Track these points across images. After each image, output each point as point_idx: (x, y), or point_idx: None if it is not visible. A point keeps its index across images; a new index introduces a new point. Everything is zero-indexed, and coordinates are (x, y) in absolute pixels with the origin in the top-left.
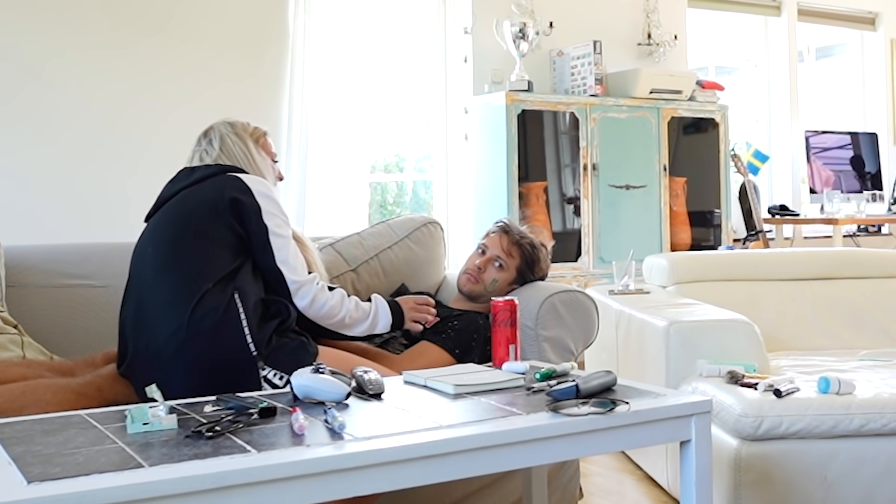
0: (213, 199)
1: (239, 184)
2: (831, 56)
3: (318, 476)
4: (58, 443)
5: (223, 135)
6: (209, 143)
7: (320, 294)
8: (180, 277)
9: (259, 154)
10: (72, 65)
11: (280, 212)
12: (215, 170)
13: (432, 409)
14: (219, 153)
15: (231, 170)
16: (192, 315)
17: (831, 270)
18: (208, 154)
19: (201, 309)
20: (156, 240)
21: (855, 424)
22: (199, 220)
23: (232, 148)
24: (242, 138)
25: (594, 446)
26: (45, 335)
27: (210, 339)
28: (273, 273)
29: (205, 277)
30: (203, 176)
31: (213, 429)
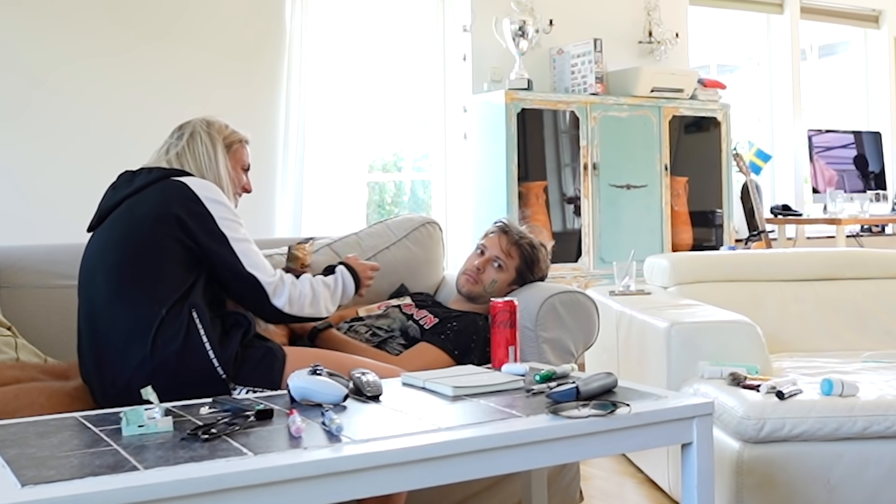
0: (159, 213)
1: (185, 191)
2: (834, 54)
3: (316, 479)
4: (52, 445)
5: (195, 132)
6: (179, 136)
7: (293, 288)
8: (135, 306)
9: (224, 159)
10: (67, 68)
11: (233, 215)
12: (158, 174)
13: (431, 411)
14: (184, 148)
15: (175, 173)
16: (153, 345)
17: (834, 271)
18: (174, 147)
19: (161, 337)
20: (104, 265)
21: (858, 427)
22: (146, 238)
23: (198, 147)
24: (213, 140)
25: (594, 449)
26: (40, 337)
27: (176, 368)
28: (244, 280)
29: (159, 302)
30: (145, 182)
31: (209, 431)
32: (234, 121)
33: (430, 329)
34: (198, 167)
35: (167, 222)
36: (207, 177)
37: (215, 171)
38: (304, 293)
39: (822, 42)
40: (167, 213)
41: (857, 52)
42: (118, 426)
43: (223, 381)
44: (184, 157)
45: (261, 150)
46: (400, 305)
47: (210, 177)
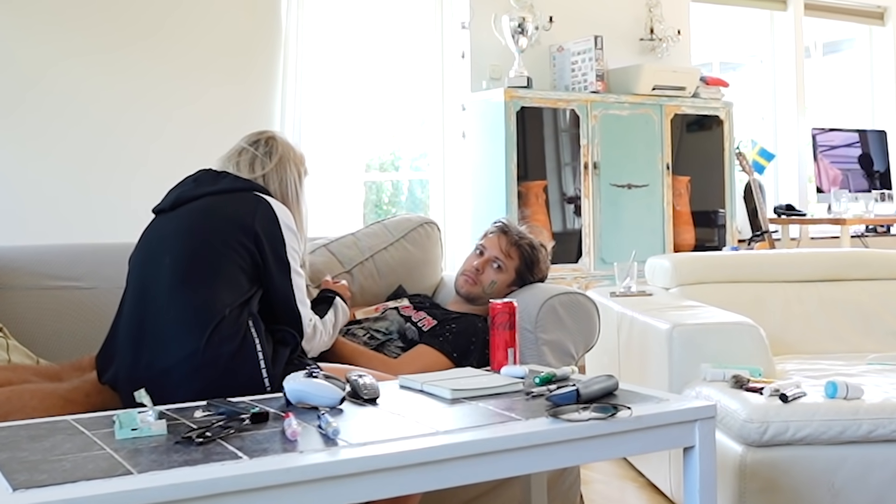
0: (242, 220)
1: (269, 211)
2: (839, 51)
3: (312, 483)
4: (44, 449)
5: (285, 156)
6: (268, 153)
7: (320, 338)
8: (198, 298)
9: (303, 193)
10: (59, 66)
11: (299, 249)
12: (245, 185)
13: (429, 414)
14: (273, 170)
15: (261, 190)
16: (209, 340)
17: (839, 272)
18: (261, 165)
19: (218, 335)
20: (175, 250)
21: (863, 430)
22: (224, 238)
23: (286, 175)
24: (299, 173)
25: (595, 453)
26: (32, 338)
27: (226, 368)
28: (291, 313)
29: (223, 301)
30: (232, 188)
31: (203, 434)
32: (229, 119)
33: (429, 331)
34: (282, 194)
35: (246, 232)
36: (289, 205)
37: (296, 204)
38: (322, 340)
39: (826, 39)
40: (249, 225)
41: (861, 49)
42: (111, 429)
43: (266, 392)
44: (271, 178)
45: None
46: (398, 307)
47: (291, 206)
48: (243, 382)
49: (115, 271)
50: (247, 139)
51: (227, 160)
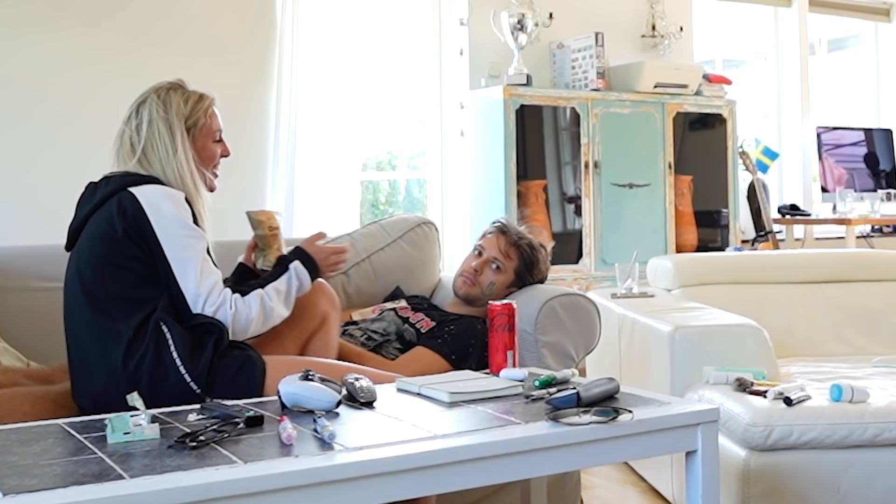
0: (108, 233)
1: (132, 205)
2: (844, 48)
3: (307, 488)
4: (34, 453)
5: (152, 117)
6: (139, 123)
7: (238, 315)
8: (102, 331)
9: (184, 150)
10: (49, 65)
11: (177, 224)
12: (114, 186)
13: (426, 417)
14: (146, 140)
15: (133, 179)
16: (124, 367)
17: (844, 273)
18: (138, 138)
19: (132, 360)
20: (75, 292)
21: (869, 434)
22: (104, 260)
23: (156, 139)
24: (171, 125)
25: (596, 457)
26: (22, 340)
27: (150, 388)
28: (180, 295)
29: (125, 323)
30: (103, 197)
31: (197, 439)
32: (223, 118)
33: (427, 333)
34: (161, 166)
35: (117, 241)
36: (169, 175)
37: (176, 169)
38: (250, 319)
39: (831, 36)
40: (115, 232)
41: (867, 46)
42: (103, 433)
43: (198, 395)
44: (144, 158)
45: (251, 148)
46: (395, 308)
47: (171, 176)
48: (171, 392)
49: None
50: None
51: (114, 154)
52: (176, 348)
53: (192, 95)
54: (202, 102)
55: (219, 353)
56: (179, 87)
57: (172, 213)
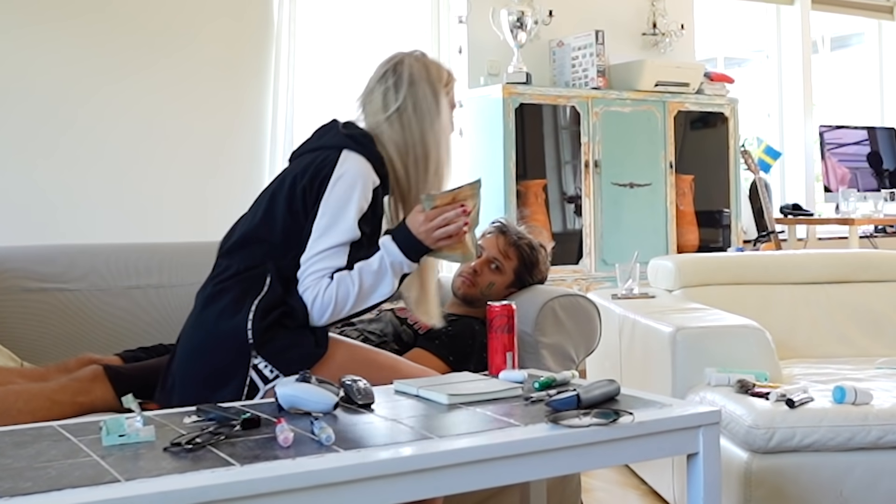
0: (295, 180)
1: (332, 163)
2: (847, 47)
3: (305, 490)
4: (29, 455)
5: (414, 79)
6: (397, 81)
7: (319, 297)
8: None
9: (447, 114)
10: (42, 66)
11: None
12: (335, 141)
13: (425, 419)
14: (404, 103)
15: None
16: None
17: (847, 273)
18: (395, 98)
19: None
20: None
21: (872, 436)
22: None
23: (419, 100)
24: (434, 89)
25: (596, 460)
26: (16, 341)
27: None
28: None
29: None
30: (322, 145)
31: (193, 441)
32: (219, 117)
33: (425, 334)
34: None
35: (294, 191)
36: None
37: (438, 133)
38: (329, 302)
39: (834, 34)
40: (297, 183)
41: (870, 44)
42: (98, 435)
43: (248, 345)
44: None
45: (247, 148)
46: (393, 309)
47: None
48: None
49: (100, 272)
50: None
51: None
52: (260, 298)
53: (441, 64)
54: (452, 74)
55: (283, 321)
56: (427, 56)
57: (347, 196)
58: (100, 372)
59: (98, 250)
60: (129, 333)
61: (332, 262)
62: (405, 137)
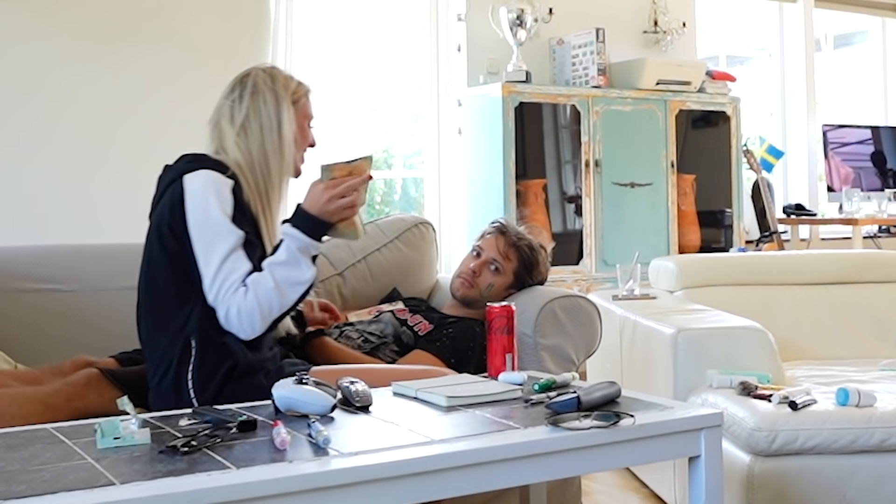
0: (160, 227)
1: (180, 193)
2: (851, 45)
3: (302, 494)
4: (23, 458)
5: (258, 88)
6: (241, 93)
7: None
8: (146, 331)
9: (289, 122)
10: (40, 66)
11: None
12: (174, 174)
13: (423, 422)
14: (247, 112)
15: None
16: (152, 377)
17: (850, 274)
18: (238, 110)
19: (158, 371)
20: (140, 280)
21: (876, 439)
22: (155, 258)
23: (262, 110)
24: (277, 97)
25: (597, 462)
26: (10, 342)
27: (167, 400)
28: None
29: (161, 328)
30: (165, 187)
31: (188, 444)
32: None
33: (425, 336)
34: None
35: (164, 237)
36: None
37: (277, 143)
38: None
39: (837, 31)
40: (164, 228)
41: (874, 42)
42: (93, 438)
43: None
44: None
45: None
46: (393, 310)
47: (270, 148)
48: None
49: (95, 273)
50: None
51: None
52: (193, 369)
53: (292, 76)
54: (302, 85)
55: (235, 376)
56: (278, 68)
57: (207, 206)
58: (94, 376)
59: (93, 251)
60: (125, 335)
61: (236, 272)
62: (249, 146)
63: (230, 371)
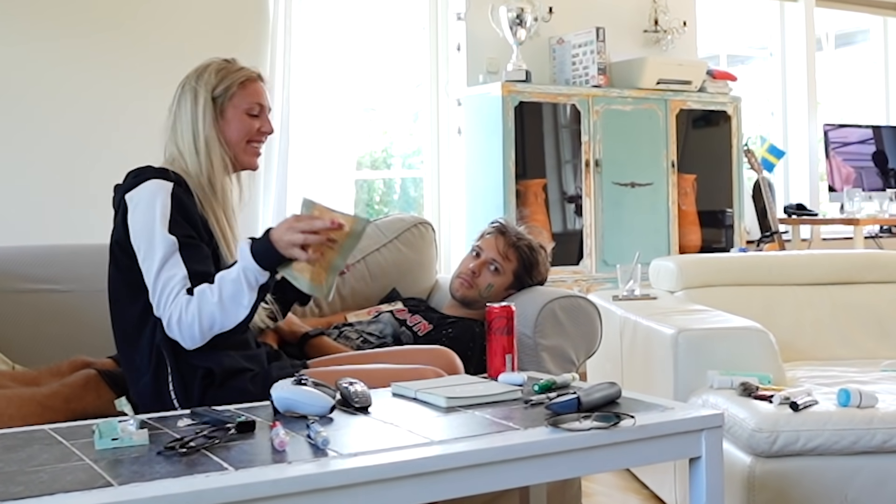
0: (110, 242)
1: (124, 210)
2: (852, 44)
3: (300, 495)
4: (20, 460)
5: (183, 87)
6: (176, 94)
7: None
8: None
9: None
10: (36, 63)
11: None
12: (119, 193)
13: (423, 423)
14: (173, 113)
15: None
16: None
17: (852, 274)
18: (170, 111)
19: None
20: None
21: (877, 440)
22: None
23: (182, 109)
24: (195, 94)
25: (597, 464)
26: (7, 343)
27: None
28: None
29: (131, 344)
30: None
31: (187, 445)
32: None
33: (425, 336)
34: (184, 137)
35: (116, 255)
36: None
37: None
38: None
39: (839, 31)
40: (111, 243)
41: (876, 41)
42: (91, 439)
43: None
44: (173, 132)
45: None
46: (392, 311)
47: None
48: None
49: (93, 273)
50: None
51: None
52: (173, 380)
53: (228, 67)
54: (237, 74)
55: (217, 382)
56: (223, 61)
57: (144, 218)
58: (92, 377)
59: (90, 250)
60: None
61: (173, 279)
62: (180, 148)
63: (207, 377)
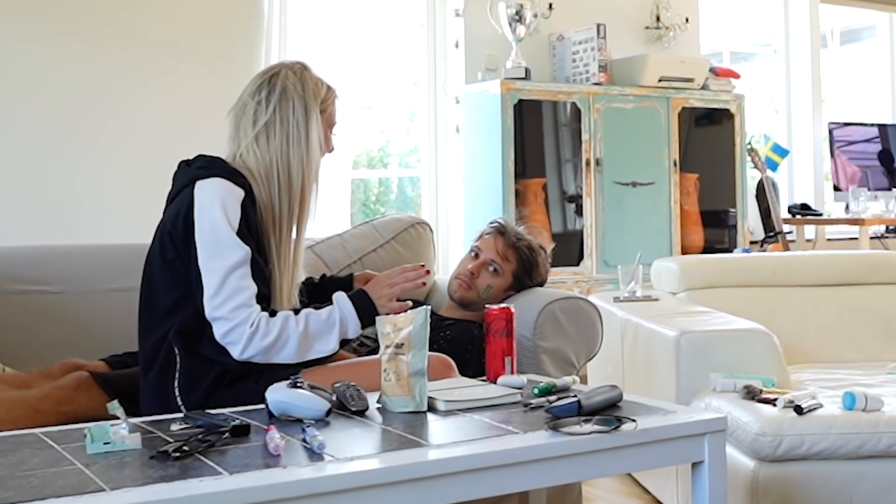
0: (163, 230)
1: (190, 200)
2: (857, 40)
3: (296, 500)
4: (10, 464)
5: (287, 93)
6: (268, 95)
7: (256, 329)
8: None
9: (317, 132)
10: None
11: (213, 231)
12: (186, 178)
13: (420, 426)
14: (272, 118)
15: (202, 172)
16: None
17: (857, 275)
18: (263, 113)
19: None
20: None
21: (883, 444)
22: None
23: (289, 118)
24: (307, 106)
25: (598, 468)
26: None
27: (154, 407)
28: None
29: (147, 333)
30: (178, 189)
31: (180, 449)
32: (205, 112)
33: None
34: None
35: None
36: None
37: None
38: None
39: (844, 27)
40: (164, 232)
41: (882, 38)
42: (82, 443)
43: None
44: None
45: None
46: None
47: (294, 158)
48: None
49: (85, 275)
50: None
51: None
52: (179, 376)
53: (322, 79)
54: (332, 90)
55: (226, 382)
56: (309, 69)
57: (214, 217)
58: (84, 379)
59: (82, 251)
60: (115, 337)
61: (244, 291)
62: (270, 154)
63: (220, 377)
